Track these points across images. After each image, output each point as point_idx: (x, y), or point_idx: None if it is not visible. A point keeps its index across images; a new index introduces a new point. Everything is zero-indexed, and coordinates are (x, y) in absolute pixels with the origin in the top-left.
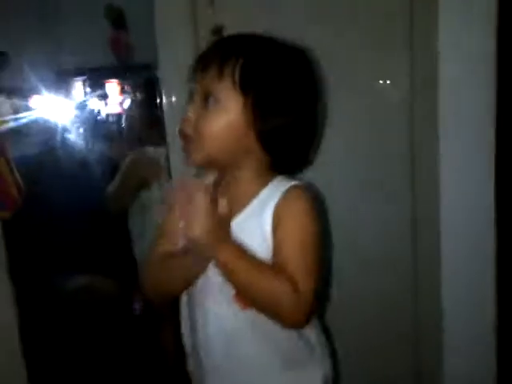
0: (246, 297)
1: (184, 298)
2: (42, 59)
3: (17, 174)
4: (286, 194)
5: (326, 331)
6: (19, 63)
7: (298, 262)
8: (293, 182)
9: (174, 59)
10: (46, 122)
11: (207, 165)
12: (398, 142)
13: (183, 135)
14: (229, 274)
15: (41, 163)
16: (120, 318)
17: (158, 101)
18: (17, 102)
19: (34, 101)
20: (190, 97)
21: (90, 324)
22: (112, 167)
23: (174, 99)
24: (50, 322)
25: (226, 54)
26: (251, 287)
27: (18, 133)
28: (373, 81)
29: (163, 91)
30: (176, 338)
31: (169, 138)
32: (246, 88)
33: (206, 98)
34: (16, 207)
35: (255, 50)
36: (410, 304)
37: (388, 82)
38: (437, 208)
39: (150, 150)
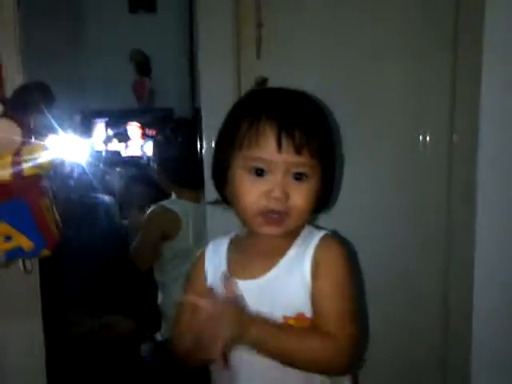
0: (290, 364)
1: None
2: (65, 100)
3: (57, 215)
4: (322, 242)
5: None
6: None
7: (340, 310)
8: (323, 232)
9: (217, 116)
10: (66, 163)
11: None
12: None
13: (273, 212)
14: (268, 352)
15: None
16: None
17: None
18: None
19: (54, 141)
20: (260, 172)
21: (106, 364)
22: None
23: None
24: (67, 360)
25: (314, 135)
26: (293, 355)
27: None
28: (411, 132)
29: (204, 138)
30: None
31: (207, 193)
32: (326, 161)
33: (292, 174)
34: (55, 246)
35: (326, 125)
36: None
37: (427, 137)
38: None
39: (168, 203)
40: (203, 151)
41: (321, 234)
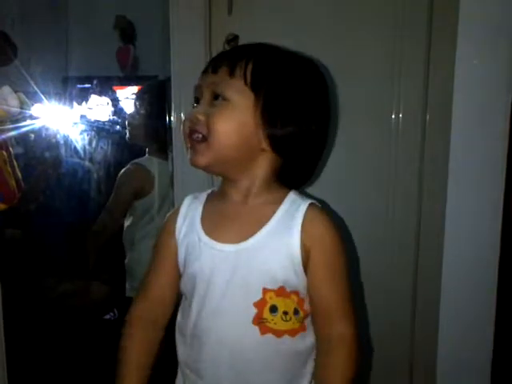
0: None
1: (184, 321)
2: (49, 65)
3: (17, 169)
4: (310, 215)
5: None
6: (25, 67)
7: (341, 296)
8: (309, 200)
9: (186, 73)
10: (49, 128)
11: (214, 166)
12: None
13: (193, 135)
14: None
15: (41, 170)
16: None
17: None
18: (23, 96)
19: (39, 107)
20: (197, 100)
21: (75, 329)
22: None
23: (183, 112)
24: (36, 325)
25: (238, 55)
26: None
27: (22, 138)
28: (386, 111)
29: (173, 103)
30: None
31: (175, 150)
32: (256, 86)
33: (215, 99)
34: (13, 201)
35: (267, 53)
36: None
37: (400, 115)
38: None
39: (143, 161)
40: (172, 106)
41: (306, 203)
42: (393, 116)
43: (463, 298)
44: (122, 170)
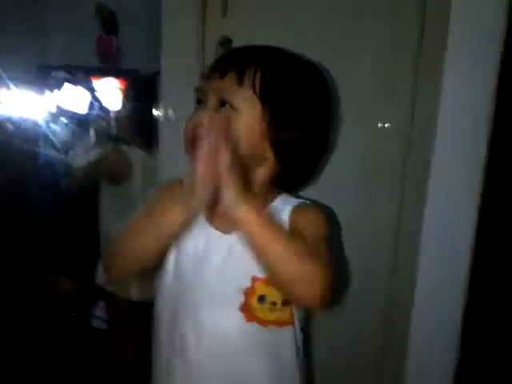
0: (275, 269)
1: (163, 309)
2: (24, 52)
3: None
4: (297, 209)
5: None
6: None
7: (320, 251)
8: (300, 200)
9: (178, 73)
10: (21, 117)
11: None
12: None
13: (196, 140)
14: (261, 243)
15: (14, 162)
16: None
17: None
18: None
19: (9, 95)
20: (199, 102)
21: (47, 323)
22: None
23: (171, 107)
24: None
25: (246, 61)
26: (288, 258)
27: None
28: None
29: (162, 102)
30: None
31: (161, 145)
32: (265, 96)
33: (221, 105)
34: None
35: (274, 60)
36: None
37: (387, 124)
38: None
39: (126, 149)
40: (162, 105)
41: (296, 200)
42: (379, 125)
43: (436, 297)
44: (103, 149)
